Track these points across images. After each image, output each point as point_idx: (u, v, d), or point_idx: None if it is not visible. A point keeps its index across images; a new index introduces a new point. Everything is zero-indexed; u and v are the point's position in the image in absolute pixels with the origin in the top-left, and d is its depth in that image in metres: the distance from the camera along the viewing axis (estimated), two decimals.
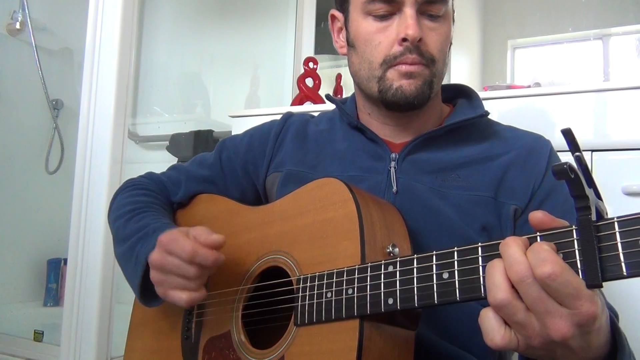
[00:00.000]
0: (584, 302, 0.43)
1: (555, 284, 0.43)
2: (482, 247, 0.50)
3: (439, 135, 0.79)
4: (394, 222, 0.67)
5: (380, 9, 0.74)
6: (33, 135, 2.27)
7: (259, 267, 0.74)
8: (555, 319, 0.44)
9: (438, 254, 0.53)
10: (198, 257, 0.66)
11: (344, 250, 0.62)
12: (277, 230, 0.74)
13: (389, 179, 0.78)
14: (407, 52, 0.73)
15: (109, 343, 1.46)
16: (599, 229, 0.43)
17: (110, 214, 0.91)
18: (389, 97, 0.75)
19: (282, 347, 0.65)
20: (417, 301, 0.53)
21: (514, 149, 0.78)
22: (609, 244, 0.43)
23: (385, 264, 0.57)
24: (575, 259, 0.44)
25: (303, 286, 0.65)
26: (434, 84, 0.76)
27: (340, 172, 0.80)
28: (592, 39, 1.90)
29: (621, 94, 1.09)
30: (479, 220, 0.74)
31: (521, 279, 0.44)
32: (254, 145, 0.92)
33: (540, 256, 0.44)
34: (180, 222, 0.93)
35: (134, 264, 0.77)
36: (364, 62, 0.77)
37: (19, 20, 2.16)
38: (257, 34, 2.29)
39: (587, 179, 0.45)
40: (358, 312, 0.58)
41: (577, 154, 0.45)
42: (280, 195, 0.80)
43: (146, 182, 0.95)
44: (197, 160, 0.97)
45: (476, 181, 0.76)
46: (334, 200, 0.66)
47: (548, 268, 0.43)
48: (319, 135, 0.88)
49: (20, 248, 2.18)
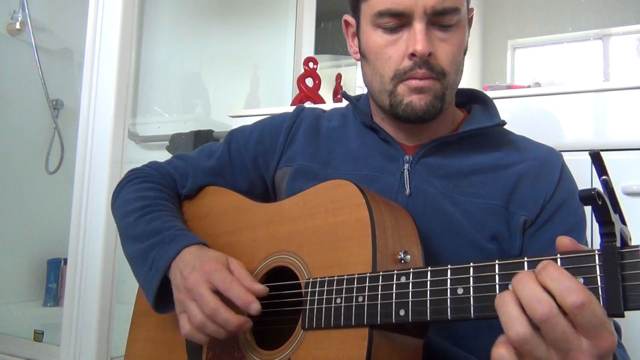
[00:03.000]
0: (606, 334, 0.42)
1: (584, 314, 0.41)
2: (499, 265, 0.49)
3: (453, 140, 0.78)
4: (406, 227, 0.66)
5: (389, 22, 0.73)
6: (33, 135, 2.27)
7: (266, 266, 0.73)
8: (579, 355, 0.42)
9: (453, 269, 0.52)
10: (234, 299, 0.66)
11: (355, 255, 0.62)
12: (286, 230, 0.73)
13: (402, 180, 0.77)
14: (416, 67, 0.72)
15: (109, 343, 1.46)
16: (623, 255, 0.42)
17: (116, 208, 0.90)
18: (400, 113, 0.75)
19: (289, 349, 0.65)
20: (430, 315, 0.52)
21: (527, 160, 0.78)
22: (633, 272, 0.42)
23: (397, 274, 0.56)
24: (597, 285, 0.43)
25: (312, 290, 0.64)
26: (445, 96, 0.75)
27: (353, 171, 0.80)
28: (592, 39, 1.89)
29: (621, 94, 1.09)
30: (489, 229, 0.73)
31: (548, 317, 0.42)
32: (265, 138, 0.91)
33: (565, 284, 0.42)
34: (187, 215, 0.92)
35: (149, 269, 0.76)
36: (376, 74, 0.77)
37: (19, 20, 2.16)
38: (257, 34, 2.29)
39: (613, 204, 0.44)
40: (368, 320, 0.57)
41: (604, 178, 0.44)
42: (289, 189, 0.79)
43: (153, 174, 0.93)
44: (206, 151, 0.95)
45: (488, 189, 0.75)
46: (347, 204, 0.65)
47: (579, 297, 0.41)
48: (332, 131, 0.87)
49: (20, 248, 2.18)
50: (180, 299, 0.71)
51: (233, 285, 0.66)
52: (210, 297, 0.66)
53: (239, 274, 0.69)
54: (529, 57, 2.06)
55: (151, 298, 0.77)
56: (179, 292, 0.71)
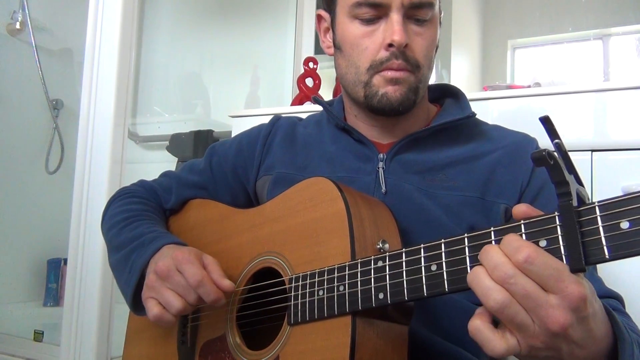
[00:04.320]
0: (568, 284, 0.43)
1: (534, 267, 0.43)
2: (468, 237, 0.50)
3: (426, 135, 0.79)
4: (383, 218, 0.67)
5: (367, 13, 0.74)
6: (33, 135, 2.27)
7: (252, 269, 0.74)
8: (548, 310, 0.43)
9: (426, 247, 0.53)
10: (202, 289, 0.68)
11: (334, 248, 0.63)
12: (267, 232, 0.74)
13: (378, 179, 0.78)
14: (393, 58, 0.73)
15: (109, 343, 1.46)
16: (580, 214, 0.44)
17: (104, 223, 0.92)
18: (375, 104, 0.76)
19: (277, 347, 0.66)
20: (407, 294, 0.54)
21: (500, 148, 0.78)
22: (590, 228, 0.43)
23: (374, 259, 0.57)
24: (559, 244, 0.45)
25: (295, 285, 0.65)
26: (419, 89, 0.76)
27: (329, 174, 0.80)
28: (592, 39, 1.90)
29: (621, 94, 1.09)
30: (467, 221, 0.74)
31: (507, 276, 0.44)
32: (243, 149, 0.92)
33: (513, 245, 0.45)
34: (173, 229, 0.93)
35: (129, 272, 0.78)
36: (351, 66, 0.78)
37: (19, 20, 2.16)
38: (257, 34, 2.29)
39: (568, 166, 0.45)
40: (350, 308, 0.58)
41: (556, 141, 0.46)
42: (270, 197, 0.80)
43: (138, 190, 0.95)
44: (188, 167, 0.98)
45: (463, 181, 0.76)
46: (323, 199, 0.66)
47: (524, 253, 0.43)
48: (308, 137, 0.89)
49: (20, 248, 2.18)
50: (150, 285, 0.72)
51: (204, 279, 0.68)
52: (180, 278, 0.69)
53: (211, 268, 0.70)
54: (529, 57, 2.06)
55: (129, 297, 0.78)
56: (149, 277, 0.72)
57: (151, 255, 0.75)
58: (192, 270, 0.68)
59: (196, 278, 0.67)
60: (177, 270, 0.69)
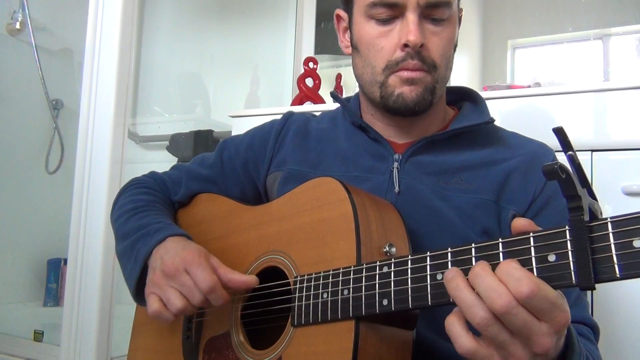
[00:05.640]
0: (559, 313, 0.44)
1: (536, 300, 0.43)
2: (475, 247, 0.49)
3: (443, 138, 0.79)
4: (391, 221, 0.66)
5: (383, 13, 0.74)
6: (33, 135, 2.27)
7: (258, 267, 0.74)
8: (540, 338, 0.44)
9: (432, 255, 0.52)
10: (213, 295, 0.68)
11: (340, 250, 0.62)
12: (274, 230, 0.74)
13: (392, 179, 0.77)
14: (408, 58, 0.73)
15: (109, 343, 1.46)
16: (592, 229, 0.43)
17: (113, 213, 0.92)
18: (390, 104, 0.76)
19: (280, 347, 0.65)
20: (411, 302, 0.53)
21: (518, 156, 0.78)
22: (602, 245, 0.42)
23: (380, 265, 0.57)
24: (569, 260, 0.44)
25: (300, 286, 0.65)
26: (436, 89, 0.76)
27: (342, 172, 0.81)
28: (592, 39, 1.89)
29: (621, 94, 1.09)
30: (480, 223, 0.74)
31: (508, 309, 0.44)
32: (254, 144, 0.92)
33: (514, 276, 0.44)
34: (181, 222, 0.93)
35: (133, 261, 0.78)
36: (367, 66, 0.77)
37: (19, 20, 2.16)
38: (257, 34, 2.29)
39: (581, 179, 0.44)
40: (353, 313, 0.58)
41: (569, 153, 0.45)
42: (280, 194, 0.80)
43: (149, 181, 0.96)
44: (198, 160, 0.98)
45: (479, 184, 0.76)
46: (330, 200, 0.66)
47: (527, 287, 0.43)
48: (321, 133, 0.88)
49: (20, 248, 2.18)
50: (155, 281, 0.72)
51: (215, 286, 0.69)
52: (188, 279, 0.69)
53: (221, 272, 0.71)
54: (529, 57, 2.06)
55: (132, 286, 0.78)
56: (154, 273, 0.72)
57: (155, 245, 0.75)
58: (203, 275, 0.68)
59: (208, 284, 0.67)
60: (185, 271, 0.69)
